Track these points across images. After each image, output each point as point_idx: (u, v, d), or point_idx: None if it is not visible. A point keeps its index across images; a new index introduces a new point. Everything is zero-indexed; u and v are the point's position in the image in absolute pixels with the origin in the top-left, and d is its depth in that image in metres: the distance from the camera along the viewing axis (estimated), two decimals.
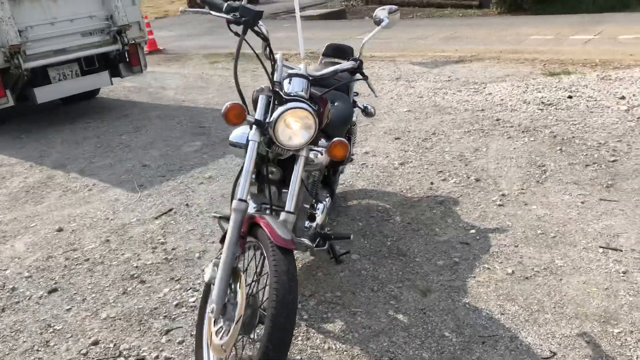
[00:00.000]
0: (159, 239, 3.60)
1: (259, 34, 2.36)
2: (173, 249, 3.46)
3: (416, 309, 2.67)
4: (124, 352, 2.59)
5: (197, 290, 3.01)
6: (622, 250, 2.95)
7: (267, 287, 2.27)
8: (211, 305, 2.17)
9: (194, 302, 2.91)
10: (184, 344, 2.61)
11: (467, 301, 2.69)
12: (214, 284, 2.23)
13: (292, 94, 2.36)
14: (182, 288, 3.04)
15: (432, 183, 3.97)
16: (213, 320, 2.23)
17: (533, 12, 12.74)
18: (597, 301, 2.60)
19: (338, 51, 3.59)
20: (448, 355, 2.36)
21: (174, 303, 2.92)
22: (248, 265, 2.32)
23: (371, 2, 16.27)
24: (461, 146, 4.59)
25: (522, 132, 4.77)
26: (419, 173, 4.16)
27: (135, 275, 3.21)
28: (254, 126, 2.32)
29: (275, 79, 2.42)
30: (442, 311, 2.64)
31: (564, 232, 3.18)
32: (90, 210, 4.16)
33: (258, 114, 2.36)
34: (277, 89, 2.37)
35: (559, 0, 12.78)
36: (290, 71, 2.47)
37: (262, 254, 2.25)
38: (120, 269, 3.30)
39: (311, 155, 2.47)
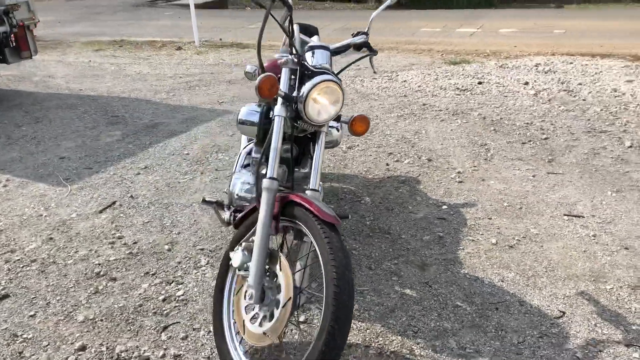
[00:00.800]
0: (114, 234, 3.28)
1: (285, 2, 2.22)
2: (135, 243, 3.17)
3: (420, 282, 2.70)
4: (122, 355, 2.32)
5: (181, 284, 2.78)
6: (584, 217, 3.20)
7: (306, 269, 2.18)
8: (249, 291, 2.02)
9: (182, 295, 2.69)
10: (188, 339, 2.40)
11: (465, 272, 2.76)
12: (244, 269, 2.08)
13: (317, 67, 2.25)
14: (162, 282, 2.80)
15: (387, 164, 4.02)
16: (244, 307, 2.08)
17: (409, 6, 13.40)
18: (581, 263, 2.79)
19: (304, 30, 3.50)
20: (468, 324, 2.40)
21: (160, 298, 2.68)
22: (283, 246, 2.18)
23: None
24: (400, 129, 4.70)
25: (452, 115, 5.00)
26: (371, 155, 4.19)
27: (101, 273, 2.90)
28: (280, 100, 2.19)
29: (294, 50, 2.29)
30: (446, 283, 2.69)
31: (527, 203, 3.38)
32: (14, 208, 3.67)
33: (283, 87, 2.23)
34: (303, 61, 2.25)
35: None
36: (312, 43, 2.36)
37: (299, 234, 2.14)
38: (80, 268, 2.95)
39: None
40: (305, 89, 2.15)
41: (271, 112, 2.39)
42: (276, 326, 1.96)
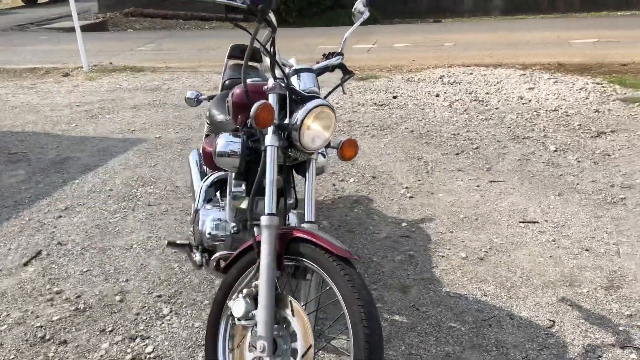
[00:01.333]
0: (50, 288, 2.87)
1: (269, 22, 2.03)
2: (78, 297, 2.79)
3: (406, 306, 2.60)
4: None
5: (147, 338, 2.47)
6: (538, 222, 3.29)
7: (315, 312, 2.00)
8: (259, 343, 1.81)
9: (153, 351, 2.39)
10: None
11: (447, 290, 2.71)
12: (247, 319, 1.87)
13: (307, 91, 2.09)
14: (125, 339, 2.47)
15: (334, 184, 3.92)
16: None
17: (298, 24, 13.51)
18: (551, 269, 2.85)
19: (252, 55, 3.33)
20: (468, 344, 2.34)
21: (127, 358, 2.36)
22: (286, 288, 1.98)
23: (131, 15, 15.40)
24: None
25: (380, 130, 5.01)
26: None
27: (47, 337, 2.50)
28: (271, 129, 2.00)
29: (277, 75, 2.11)
30: (432, 304, 2.62)
31: (481, 214, 3.42)
32: None
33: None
34: (292, 86, 2.07)
35: (318, 14, 13.79)
36: (295, 65, 2.18)
37: (303, 272, 1.96)
38: (18, 333, 2.54)
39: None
40: (299, 115, 1.98)
41: (250, 142, 2.20)
42: None
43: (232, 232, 2.42)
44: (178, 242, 2.61)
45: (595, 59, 7.55)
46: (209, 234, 2.42)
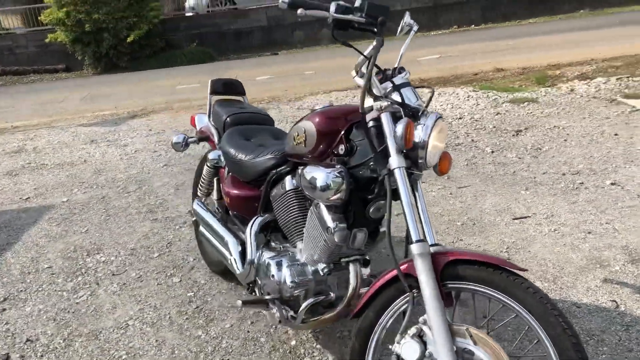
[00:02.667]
0: None
1: (379, 38, 1.85)
2: None
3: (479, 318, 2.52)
4: None
5: None
6: (529, 216, 3.43)
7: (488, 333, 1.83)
8: None
9: None
10: None
11: None
12: None
13: (416, 106, 1.92)
14: None
15: None
16: None
17: (132, 69, 12.89)
18: (573, 255, 2.97)
19: (229, 87, 3.06)
20: None
21: None
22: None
23: None
24: None
25: None
26: None
27: None
28: (394, 149, 1.81)
29: (376, 93, 1.92)
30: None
31: (473, 218, 3.47)
32: None
33: (390, 135, 1.84)
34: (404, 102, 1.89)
35: (152, 56, 13.26)
36: (397, 81, 1.98)
37: (459, 295, 1.79)
38: None
39: None
40: (423, 132, 1.82)
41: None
42: None
43: (315, 275, 2.15)
44: (252, 299, 2.25)
45: (449, 72, 8.24)
46: (292, 282, 2.12)
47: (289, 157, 2.28)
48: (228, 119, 2.79)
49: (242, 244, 2.51)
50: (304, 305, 2.13)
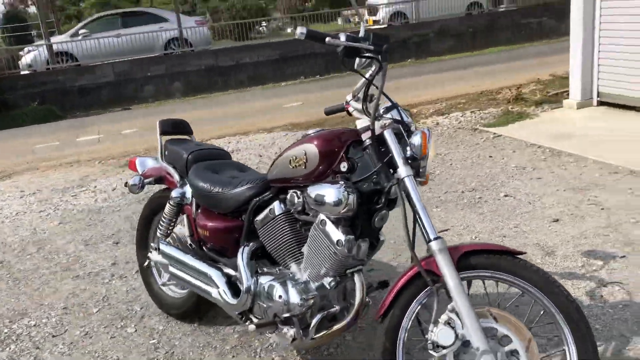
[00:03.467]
0: None
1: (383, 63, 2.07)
2: None
3: None
4: None
5: None
6: (449, 229, 3.82)
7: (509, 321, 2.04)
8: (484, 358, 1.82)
9: None
10: None
11: None
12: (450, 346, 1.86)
13: (407, 123, 2.16)
14: None
15: None
16: None
17: None
18: (617, 236, 3.43)
19: (177, 126, 3.08)
20: None
21: None
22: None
23: None
24: None
25: None
26: None
27: None
28: (401, 161, 2.01)
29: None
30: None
31: (401, 235, 3.75)
32: None
33: (396, 150, 2.04)
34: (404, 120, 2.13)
35: None
36: (388, 104, 2.19)
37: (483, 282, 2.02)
38: None
39: None
40: (429, 145, 2.07)
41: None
42: None
43: (320, 290, 2.25)
44: (264, 322, 2.27)
45: (318, 116, 8.63)
46: (302, 299, 2.21)
47: (274, 183, 2.38)
48: (190, 156, 2.80)
49: (226, 275, 2.53)
50: (314, 320, 2.22)
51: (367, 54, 2.06)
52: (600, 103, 6.31)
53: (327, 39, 2.00)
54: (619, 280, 2.94)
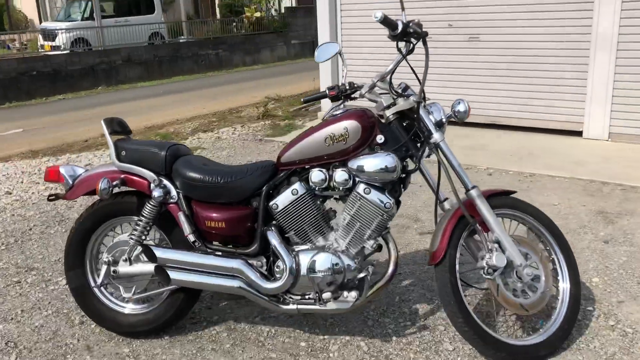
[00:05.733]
0: None
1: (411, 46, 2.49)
2: None
3: None
4: None
5: None
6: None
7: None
8: (527, 272, 2.45)
9: None
10: None
11: None
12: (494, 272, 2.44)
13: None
14: None
15: None
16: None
17: None
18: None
19: (122, 125, 2.85)
20: None
21: None
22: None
23: None
24: None
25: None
26: None
27: None
28: (433, 127, 2.48)
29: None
30: None
31: None
32: None
33: (430, 121, 2.50)
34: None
35: None
36: (403, 85, 2.58)
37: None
38: None
39: None
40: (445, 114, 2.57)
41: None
42: (538, 302, 2.51)
43: (362, 253, 2.55)
44: (327, 291, 2.47)
45: (54, 142, 7.76)
46: (355, 262, 2.50)
47: (289, 166, 2.57)
48: (168, 152, 2.66)
49: (249, 264, 2.56)
50: (366, 281, 2.49)
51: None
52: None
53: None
54: None
